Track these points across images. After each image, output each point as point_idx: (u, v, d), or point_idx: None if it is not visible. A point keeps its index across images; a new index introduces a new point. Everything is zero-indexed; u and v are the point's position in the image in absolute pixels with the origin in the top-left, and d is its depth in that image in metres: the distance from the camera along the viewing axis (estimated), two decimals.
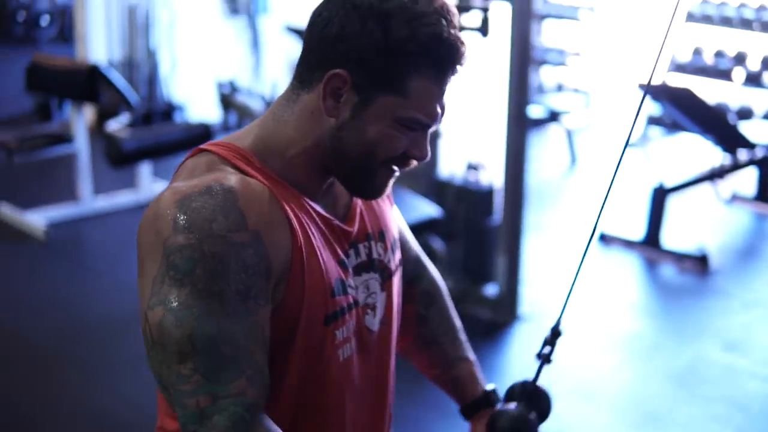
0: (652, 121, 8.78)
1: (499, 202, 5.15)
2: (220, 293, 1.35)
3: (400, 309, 1.77)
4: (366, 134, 1.48)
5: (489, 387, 1.89)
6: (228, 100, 6.57)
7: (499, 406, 1.83)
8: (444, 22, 1.45)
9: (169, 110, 7.92)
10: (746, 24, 8.32)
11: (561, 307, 1.70)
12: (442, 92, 1.50)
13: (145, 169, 6.69)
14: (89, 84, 5.92)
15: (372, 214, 1.69)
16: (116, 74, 6.80)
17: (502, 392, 1.84)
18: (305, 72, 1.51)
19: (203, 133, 6.15)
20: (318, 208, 1.55)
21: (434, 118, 1.50)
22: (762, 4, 8.28)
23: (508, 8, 4.78)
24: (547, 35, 9.63)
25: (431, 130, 1.54)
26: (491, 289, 5.13)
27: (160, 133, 6.28)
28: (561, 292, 5.36)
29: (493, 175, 5.31)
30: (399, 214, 1.88)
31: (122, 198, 6.67)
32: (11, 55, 10.69)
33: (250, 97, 6.72)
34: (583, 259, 1.71)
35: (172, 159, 6.76)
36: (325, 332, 1.53)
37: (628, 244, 6.18)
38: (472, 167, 5.35)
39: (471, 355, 1.93)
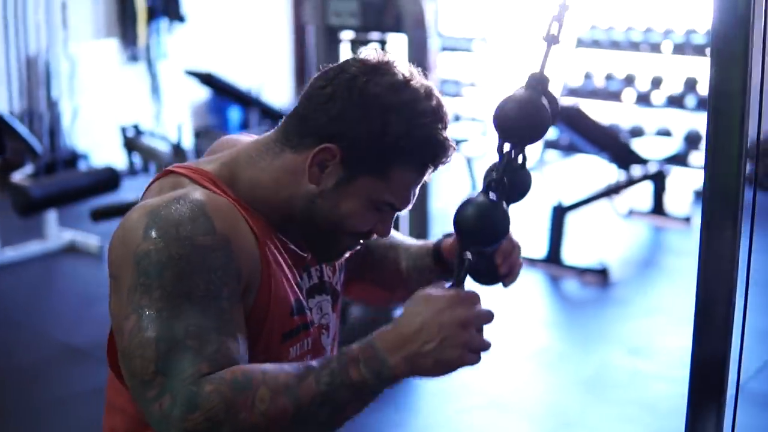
0: (549, 144, 9.05)
1: (404, 227, 5.28)
2: (189, 293, 1.40)
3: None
4: (340, 207, 1.58)
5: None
6: (132, 143, 6.62)
7: None
8: (440, 125, 1.57)
9: (72, 159, 7.92)
10: (634, 46, 8.65)
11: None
12: (419, 183, 1.62)
13: (51, 218, 6.69)
14: None
15: None
16: (19, 123, 6.80)
17: None
18: (294, 133, 1.60)
19: (110, 177, 6.17)
20: (276, 232, 1.63)
21: (406, 204, 1.62)
22: (648, 26, 8.62)
23: (404, 40, 4.93)
24: (442, 67, 9.86)
25: (399, 213, 1.65)
26: (400, 311, 5.23)
27: (66, 180, 6.30)
28: None
29: None
30: None
31: (30, 248, 6.64)
32: None
33: (154, 140, 6.77)
34: None
35: (79, 206, 6.79)
36: (281, 349, 1.61)
37: (531, 262, 6.36)
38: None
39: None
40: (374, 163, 1.55)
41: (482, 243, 1.57)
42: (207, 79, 8.40)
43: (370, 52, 1.60)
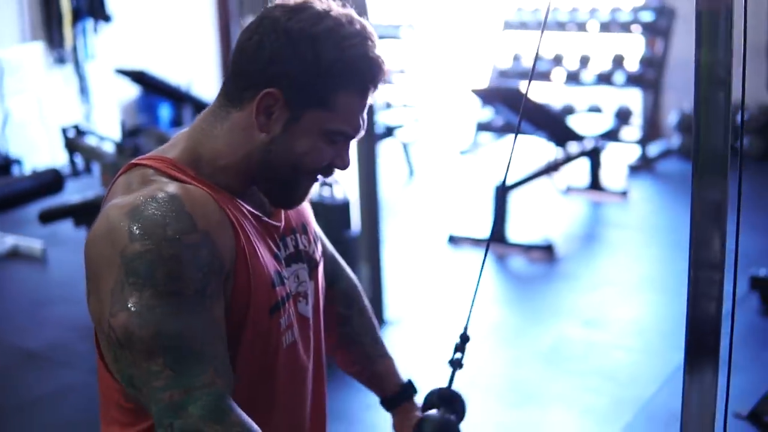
0: (482, 127, 9.16)
1: (355, 214, 5.34)
2: (179, 292, 1.44)
3: (324, 296, 1.91)
4: (295, 147, 1.60)
5: (405, 380, 2.05)
6: (74, 144, 6.56)
7: (419, 412, 1.98)
8: (369, 43, 1.59)
9: (6, 164, 7.83)
10: (561, 26, 8.78)
11: (467, 315, 1.87)
12: (364, 106, 1.63)
13: None
14: None
15: (293, 209, 1.80)
16: None
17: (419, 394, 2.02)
18: (234, 91, 1.62)
19: (54, 178, 6.11)
20: (248, 207, 1.66)
21: (358, 129, 1.64)
22: (574, 6, 8.75)
23: None
24: None
25: (353, 140, 1.67)
26: None
27: (10, 184, 6.24)
28: (420, 295, 5.62)
29: (347, 190, 5.50)
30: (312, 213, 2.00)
31: None
32: None
33: (94, 139, 6.72)
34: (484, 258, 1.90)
35: (22, 210, 6.74)
36: (271, 322, 1.64)
37: (477, 242, 6.47)
38: (325, 183, 5.50)
39: (388, 351, 2.08)
40: (316, 95, 1.58)
41: None
42: (139, 77, 8.35)
43: None
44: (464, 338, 1.83)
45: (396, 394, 2.03)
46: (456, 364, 1.85)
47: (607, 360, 4.78)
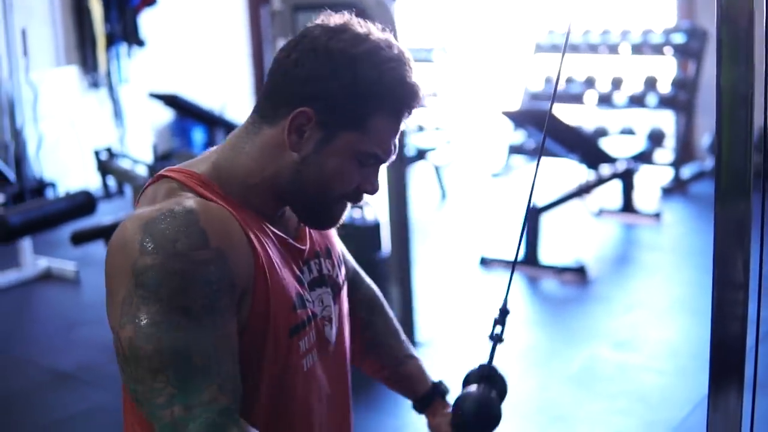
0: (514, 150, 9.15)
1: (386, 236, 5.34)
2: (186, 308, 1.42)
3: (348, 320, 1.90)
4: (325, 168, 1.59)
5: (436, 380, 2.05)
6: (107, 166, 6.62)
7: (457, 393, 1.92)
8: (407, 67, 1.59)
9: (40, 187, 7.90)
10: (593, 49, 8.77)
11: (506, 287, 1.83)
12: (397, 130, 1.63)
13: (27, 246, 6.69)
14: None
15: (318, 233, 1.80)
16: None
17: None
18: (268, 108, 1.61)
19: (86, 201, 6.17)
20: (274, 229, 1.65)
21: (389, 153, 1.63)
22: (605, 28, 8.74)
23: None
24: None
25: (384, 165, 1.66)
26: None
27: (43, 206, 6.29)
28: (451, 316, 5.61)
29: (378, 211, 5.50)
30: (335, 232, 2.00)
31: (6, 277, 6.63)
32: None
33: (128, 162, 6.79)
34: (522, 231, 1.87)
35: (52, 233, 6.79)
36: (290, 344, 1.63)
37: (509, 264, 6.45)
38: (356, 205, 5.49)
39: (415, 353, 2.07)
40: (351, 116, 1.57)
41: None
42: (171, 101, 8.43)
43: (325, 17, 1.62)
44: (504, 312, 1.79)
45: (428, 393, 2.03)
46: (496, 339, 1.81)
47: (639, 382, 4.74)
